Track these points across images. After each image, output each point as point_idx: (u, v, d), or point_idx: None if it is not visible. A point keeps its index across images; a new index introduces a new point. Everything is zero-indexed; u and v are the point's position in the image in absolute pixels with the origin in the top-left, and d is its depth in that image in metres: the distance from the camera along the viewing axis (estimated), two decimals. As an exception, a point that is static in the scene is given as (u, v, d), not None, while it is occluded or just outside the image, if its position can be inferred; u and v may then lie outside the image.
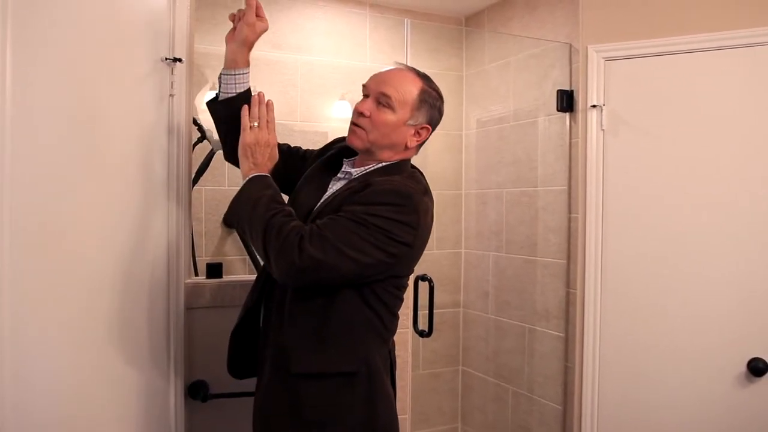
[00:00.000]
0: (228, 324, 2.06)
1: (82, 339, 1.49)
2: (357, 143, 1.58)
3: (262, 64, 2.92)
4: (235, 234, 2.84)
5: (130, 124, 1.67)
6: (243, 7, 1.68)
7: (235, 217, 1.52)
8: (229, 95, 1.69)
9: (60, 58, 1.40)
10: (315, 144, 2.47)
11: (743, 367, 2.24)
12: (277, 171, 1.66)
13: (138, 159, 1.71)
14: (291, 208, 1.49)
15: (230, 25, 1.72)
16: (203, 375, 2.00)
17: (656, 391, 2.42)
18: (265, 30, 1.70)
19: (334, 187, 1.61)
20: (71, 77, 1.43)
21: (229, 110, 1.67)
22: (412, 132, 1.58)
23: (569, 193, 2.70)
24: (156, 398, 1.82)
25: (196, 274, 2.38)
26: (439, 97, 1.63)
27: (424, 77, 1.61)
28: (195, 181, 2.64)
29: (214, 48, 2.03)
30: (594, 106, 2.53)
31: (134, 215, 1.70)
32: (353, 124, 1.58)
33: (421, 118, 1.57)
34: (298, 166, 1.79)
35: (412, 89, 1.56)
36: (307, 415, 1.49)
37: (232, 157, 1.72)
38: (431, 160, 3.36)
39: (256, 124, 1.55)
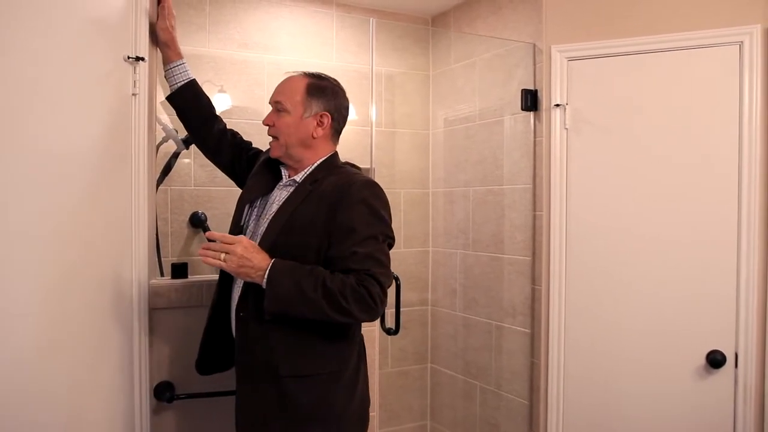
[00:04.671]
0: (194, 324, 2.05)
1: (45, 340, 1.47)
2: (276, 152, 1.78)
3: (227, 63, 2.91)
4: (201, 234, 2.83)
5: (91, 124, 1.65)
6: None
7: (284, 312, 1.59)
8: (175, 86, 1.97)
9: (17, 55, 1.38)
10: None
11: (702, 360, 2.30)
12: (237, 161, 2.03)
13: (100, 159, 1.69)
14: (319, 269, 1.59)
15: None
16: (169, 376, 1.99)
17: (619, 384, 2.47)
18: (172, 27, 1.98)
19: (282, 193, 1.77)
20: (29, 75, 1.42)
21: (182, 100, 1.98)
22: (314, 123, 1.75)
23: (534, 191, 2.74)
24: (121, 399, 1.80)
25: (162, 275, 2.36)
26: (333, 85, 1.79)
27: (312, 75, 1.79)
28: (160, 181, 2.62)
29: (180, 47, 2.02)
30: (557, 105, 2.57)
31: (97, 215, 1.68)
32: (270, 138, 1.79)
33: (315, 108, 1.74)
34: (253, 165, 2.00)
35: (297, 87, 1.75)
36: (296, 410, 1.64)
37: (201, 146, 2.07)
38: (399, 159, 3.38)
39: (223, 256, 1.56)
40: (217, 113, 2.06)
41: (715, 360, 2.26)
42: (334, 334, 1.69)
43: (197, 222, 2.82)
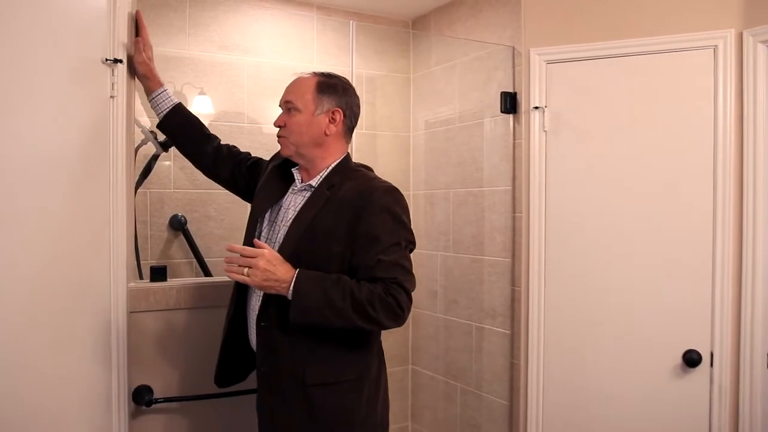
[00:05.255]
0: (173, 327, 2.05)
1: (21, 342, 1.46)
2: (287, 151, 1.76)
3: (208, 65, 2.90)
4: (182, 237, 2.82)
5: (68, 126, 1.64)
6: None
7: (310, 322, 1.59)
8: (162, 114, 1.98)
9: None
10: (262, 145, 2.47)
11: (679, 359, 2.33)
12: (237, 174, 2.01)
13: (77, 161, 1.68)
14: (345, 278, 1.60)
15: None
16: (148, 380, 1.98)
17: (598, 384, 2.49)
18: (150, 58, 1.96)
19: (297, 198, 1.76)
20: (4, 76, 1.41)
21: (171, 126, 1.99)
22: (326, 120, 1.74)
23: (513, 193, 2.76)
24: (99, 403, 1.79)
25: (141, 278, 2.35)
26: (343, 83, 1.79)
27: (321, 73, 1.78)
28: (139, 183, 2.61)
29: (159, 49, 2.02)
30: (536, 107, 2.60)
31: (74, 218, 1.67)
32: (278, 137, 1.78)
33: (327, 105, 1.73)
34: (255, 175, 2.00)
35: (307, 86, 1.74)
36: (321, 417, 1.66)
37: (198, 166, 2.05)
38: (380, 161, 3.38)
39: (246, 270, 1.55)
40: (210, 132, 2.05)
41: (692, 359, 2.29)
42: (356, 341, 1.70)
43: (177, 225, 2.81)
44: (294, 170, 1.81)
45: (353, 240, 1.63)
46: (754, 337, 2.20)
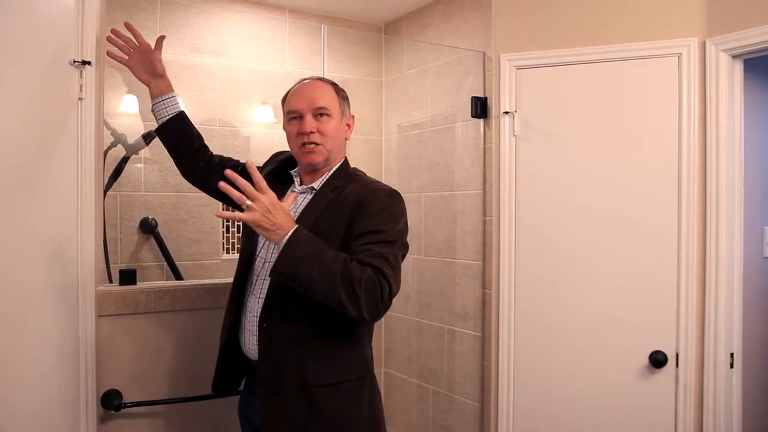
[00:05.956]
0: (142, 331, 2.03)
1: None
2: (319, 158, 1.73)
3: (179, 67, 2.89)
4: (152, 240, 2.79)
5: (34, 129, 1.62)
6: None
7: (295, 275, 1.52)
8: (165, 118, 1.93)
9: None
10: (234, 148, 2.47)
11: (645, 360, 2.37)
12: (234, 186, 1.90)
13: (42, 162, 1.67)
14: (338, 252, 1.56)
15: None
16: (117, 384, 1.97)
17: (567, 385, 2.53)
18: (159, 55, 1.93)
19: (297, 200, 1.75)
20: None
21: (170, 133, 1.94)
22: (347, 127, 1.82)
23: (484, 197, 2.79)
24: (66, 408, 1.78)
25: (110, 281, 2.33)
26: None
27: (326, 79, 1.83)
28: (109, 185, 2.59)
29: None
30: (506, 112, 2.63)
31: (40, 221, 1.65)
32: (307, 144, 1.71)
33: (347, 112, 1.82)
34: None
35: (331, 92, 1.77)
36: (324, 418, 1.65)
37: (187, 176, 2.01)
38: (353, 165, 3.38)
39: (248, 202, 1.47)
40: (205, 143, 2.02)
41: (658, 360, 2.33)
42: (355, 340, 1.71)
43: (147, 227, 2.79)
44: (293, 173, 1.81)
45: (350, 238, 1.62)
46: (717, 338, 2.25)
